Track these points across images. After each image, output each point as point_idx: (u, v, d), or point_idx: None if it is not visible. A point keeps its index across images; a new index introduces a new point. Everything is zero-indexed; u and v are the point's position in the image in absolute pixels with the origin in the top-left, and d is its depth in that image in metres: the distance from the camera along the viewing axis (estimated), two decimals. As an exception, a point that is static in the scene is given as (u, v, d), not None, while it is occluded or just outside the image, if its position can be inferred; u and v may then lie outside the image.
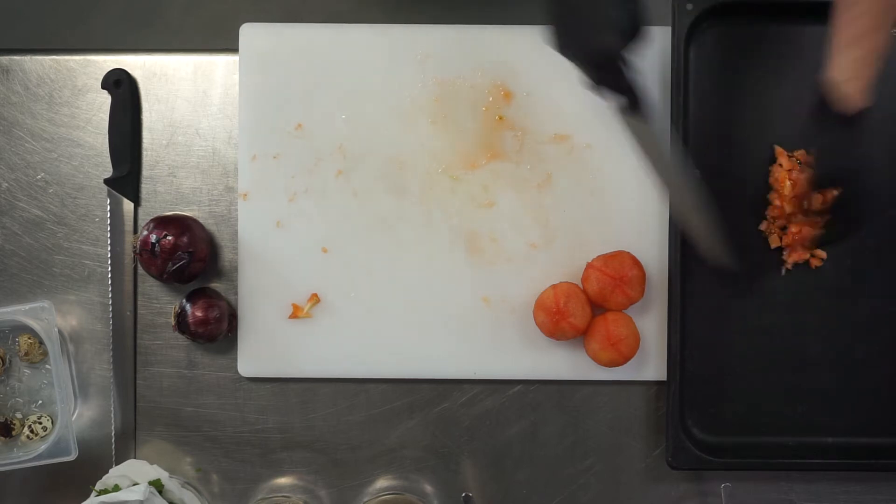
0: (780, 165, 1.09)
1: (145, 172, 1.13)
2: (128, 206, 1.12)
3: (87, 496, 1.02)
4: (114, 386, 1.11)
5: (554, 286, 1.07)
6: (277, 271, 1.11)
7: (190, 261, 1.05)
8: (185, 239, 1.05)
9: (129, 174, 1.11)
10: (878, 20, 0.82)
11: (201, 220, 1.11)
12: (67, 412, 1.06)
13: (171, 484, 1.04)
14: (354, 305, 1.11)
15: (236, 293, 1.11)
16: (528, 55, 1.11)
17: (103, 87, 1.11)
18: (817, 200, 1.08)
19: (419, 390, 1.12)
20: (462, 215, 1.11)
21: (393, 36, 1.07)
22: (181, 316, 1.07)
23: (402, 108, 1.10)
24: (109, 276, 1.11)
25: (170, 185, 1.13)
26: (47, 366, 1.09)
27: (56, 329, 1.07)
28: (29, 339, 1.08)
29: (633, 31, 0.81)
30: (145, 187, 1.13)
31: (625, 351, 1.06)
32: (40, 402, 1.11)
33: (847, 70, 0.83)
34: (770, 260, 1.11)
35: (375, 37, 1.11)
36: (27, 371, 1.11)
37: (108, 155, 1.11)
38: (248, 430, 1.12)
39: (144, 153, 1.13)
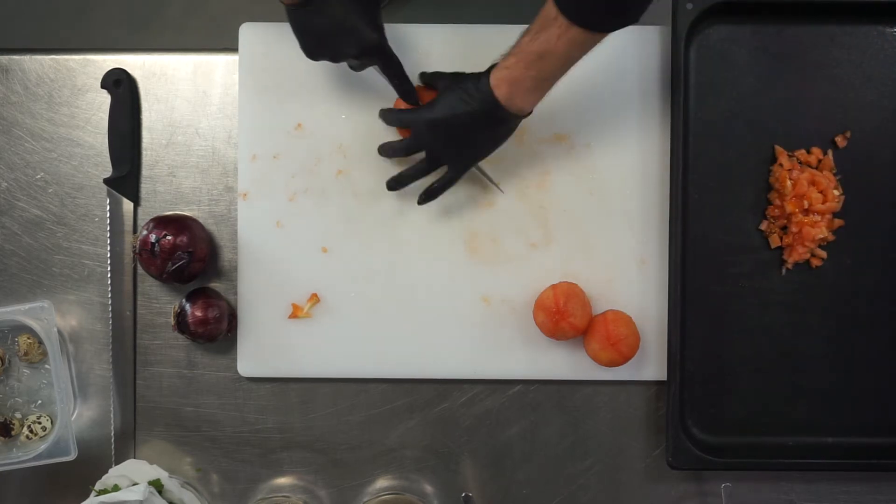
0: (780, 165, 1.09)
1: (145, 172, 1.13)
2: (128, 205, 1.12)
3: (87, 496, 1.02)
4: (113, 386, 1.11)
5: (554, 286, 1.07)
6: (277, 271, 1.11)
7: (189, 261, 1.05)
8: (184, 239, 1.05)
9: (128, 174, 1.11)
10: None
11: (201, 220, 1.11)
12: (67, 412, 1.06)
13: (170, 484, 1.04)
14: (354, 305, 1.11)
15: (236, 293, 1.11)
16: (528, 55, 1.10)
17: (103, 86, 1.11)
18: (817, 200, 1.09)
19: (419, 390, 1.12)
20: (462, 215, 1.11)
21: (393, 35, 1.06)
22: (181, 316, 1.06)
23: (402, 107, 1.10)
24: (109, 276, 1.11)
25: (170, 184, 1.12)
26: (47, 366, 1.09)
27: (56, 329, 1.07)
28: (28, 339, 1.08)
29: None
30: (145, 187, 1.12)
31: (625, 351, 1.05)
32: (40, 402, 1.11)
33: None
34: (770, 260, 1.11)
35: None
36: (27, 371, 1.11)
37: (108, 155, 1.11)
38: (248, 430, 1.12)
39: (144, 153, 1.13)
